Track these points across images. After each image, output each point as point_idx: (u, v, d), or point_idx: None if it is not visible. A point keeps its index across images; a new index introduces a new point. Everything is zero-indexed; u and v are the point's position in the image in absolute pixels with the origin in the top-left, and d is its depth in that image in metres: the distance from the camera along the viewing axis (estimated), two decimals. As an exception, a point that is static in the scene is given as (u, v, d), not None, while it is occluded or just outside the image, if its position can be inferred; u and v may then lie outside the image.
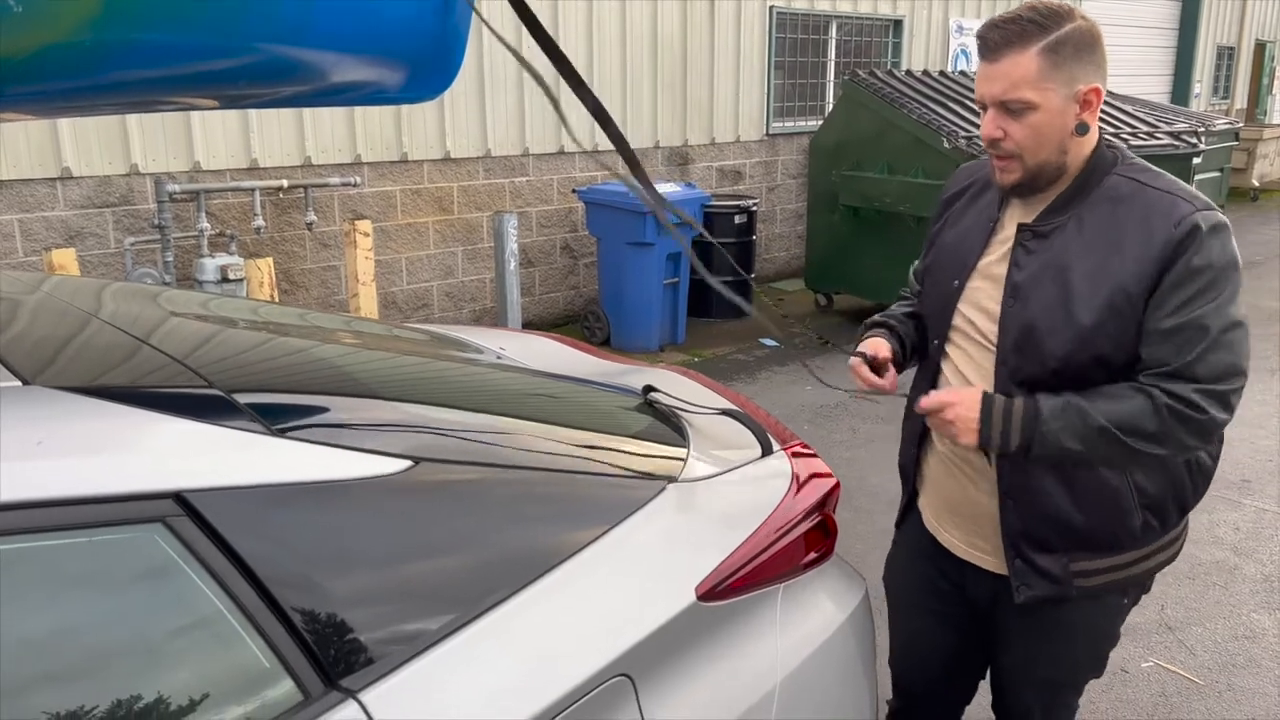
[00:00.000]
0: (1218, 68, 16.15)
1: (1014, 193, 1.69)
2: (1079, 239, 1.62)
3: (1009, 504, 1.73)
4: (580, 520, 1.40)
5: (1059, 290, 1.62)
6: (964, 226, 1.82)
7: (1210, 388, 1.55)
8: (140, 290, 2.07)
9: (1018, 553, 1.75)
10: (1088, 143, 1.64)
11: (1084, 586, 1.74)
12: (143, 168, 5.40)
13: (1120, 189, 1.63)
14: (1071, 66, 1.57)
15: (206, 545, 1.11)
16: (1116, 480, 1.67)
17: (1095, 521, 1.70)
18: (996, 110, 1.61)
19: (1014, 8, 1.62)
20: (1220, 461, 1.80)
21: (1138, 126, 7.17)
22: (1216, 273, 1.55)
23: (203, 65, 1.28)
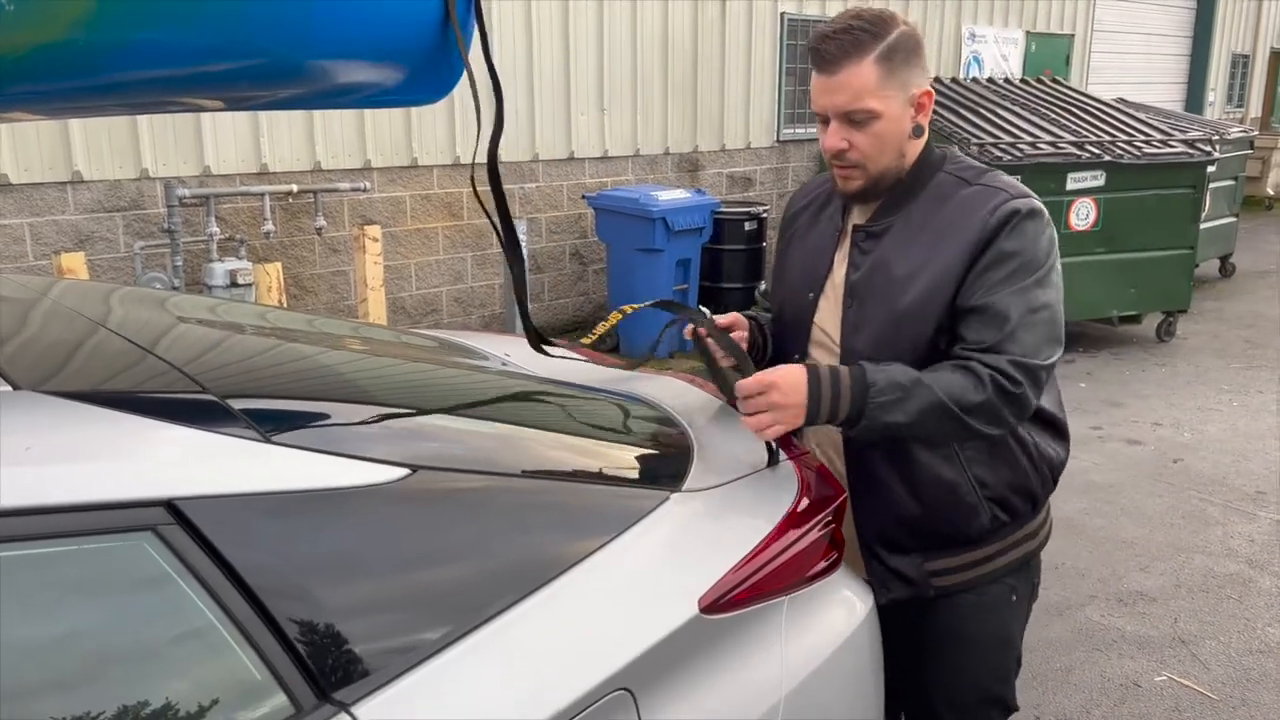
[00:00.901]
0: (1232, 75, 16.06)
1: (856, 199, 1.72)
2: (905, 234, 1.67)
3: (858, 504, 1.75)
4: (581, 530, 1.37)
5: (886, 284, 1.66)
6: (811, 240, 1.84)
7: (1022, 360, 1.58)
8: (145, 295, 2.06)
9: (873, 555, 1.77)
10: (919, 144, 1.69)
11: (941, 585, 1.76)
12: (153, 172, 5.41)
13: (945, 186, 1.69)
14: (904, 72, 1.61)
15: (198, 554, 1.09)
16: (954, 474, 1.69)
17: (941, 518, 1.72)
18: (839, 122, 1.63)
19: (834, 19, 1.63)
20: (1234, 473, 1.79)
21: (1150, 134, 7.11)
22: (1029, 256, 1.61)
23: (201, 66, 1.27)
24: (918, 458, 1.70)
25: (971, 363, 1.59)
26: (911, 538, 1.75)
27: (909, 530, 1.74)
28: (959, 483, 1.70)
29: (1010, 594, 1.82)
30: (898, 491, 1.72)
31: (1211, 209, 8.24)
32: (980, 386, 1.57)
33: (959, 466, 1.70)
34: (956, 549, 1.75)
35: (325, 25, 1.30)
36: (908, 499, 1.72)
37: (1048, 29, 11.91)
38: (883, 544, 1.76)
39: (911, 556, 1.75)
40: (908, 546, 1.75)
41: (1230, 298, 8.90)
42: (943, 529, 1.74)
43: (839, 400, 1.57)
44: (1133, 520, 4.33)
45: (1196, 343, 7.32)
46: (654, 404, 1.89)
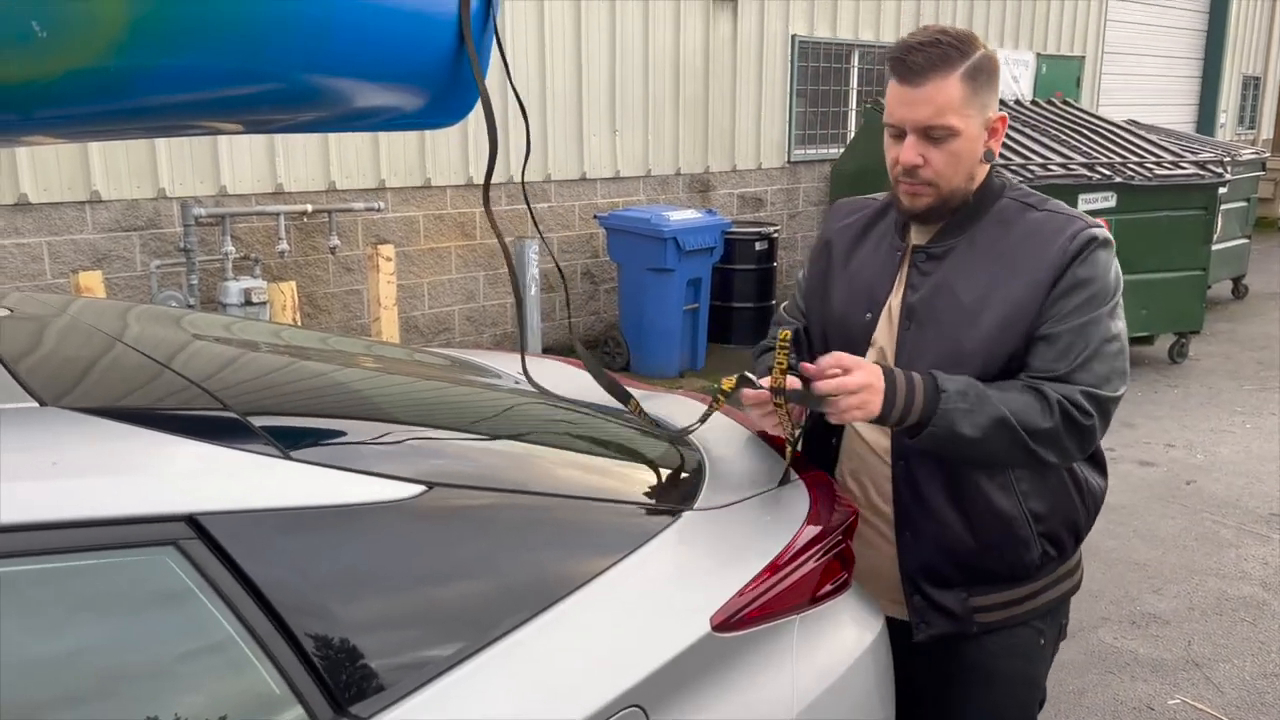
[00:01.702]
0: (1244, 97, 16.06)
1: (920, 218, 1.67)
2: (970, 258, 1.64)
3: (905, 538, 1.71)
4: (594, 548, 1.38)
5: (951, 309, 1.63)
6: (863, 259, 1.78)
7: (1094, 391, 1.56)
8: (163, 313, 2.09)
9: (916, 589, 1.72)
10: (985, 170, 1.67)
11: (984, 622, 1.71)
12: (170, 192, 5.47)
13: (1009, 211, 1.66)
14: (985, 94, 1.59)
15: (218, 568, 1.11)
16: (1011, 507, 1.66)
17: (994, 552, 1.68)
18: (918, 136, 1.58)
19: (918, 30, 1.60)
20: (1247, 495, 1.79)
21: (1162, 156, 7.12)
22: (1101, 285, 1.59)
23: (225, 90, 1.29)
24: (976, 488, 1.65)
25: (1043, 387, 1.55)
26: (958, 571, 1.70)
27: (957, 564, 1.69)
28: (1015, 516, 1.66)
29: (1039, 638, 1.78)
30: (952, 523, 1.67)
31: (1223, 230, 8.23)
32: (1049, 413, 1.54)
33: (1015, 499, 1.66)
34: (1003, 585, 1.71)
35: (346, 50, 1.33)
36: (962, 531, 1.67)
37: (1058, 51, 11.95)
38: (927, 577, 1.71)
39: (956, 591, 1.70)
40: (953, 581, 1.70)
41: (1243, 319, 8.87)
42: (992, 564, 1.69)
43: (912, 402, 1.52)
44: (1145, 542, 4.31)
45: (1209, 364, 7.30)
46: (665, 422, 1.91)
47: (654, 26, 7.52)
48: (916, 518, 1.70)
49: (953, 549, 1.69)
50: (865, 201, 1.87)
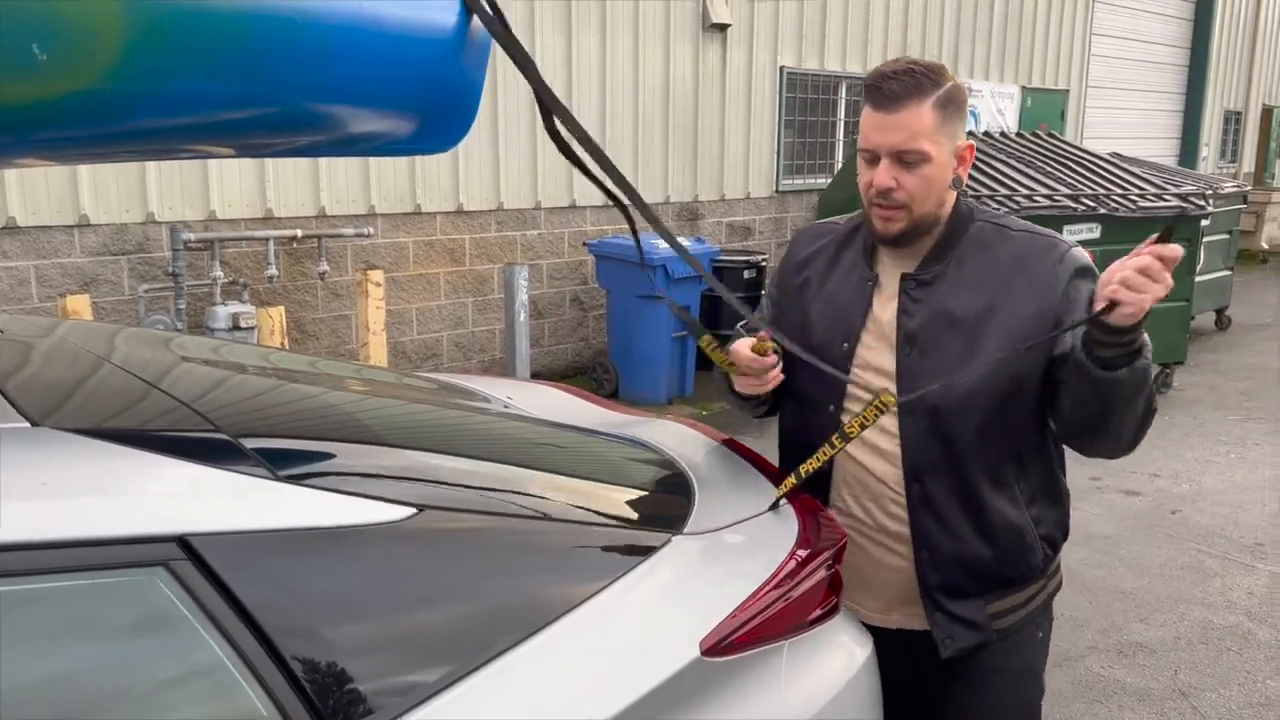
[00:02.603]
0: (1225, 132, 16.30)
1: (893, 243, 1.72)
2: (960, 282, 1.71)
3: (924, 556, 1.75)
4: (584, 572, 1.39)
5: (953, 332, 1.69)
6: (833, 288, 1.82)
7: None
8: (152, 335, 2.09)
9: (937, 606, 1.77)
10: (954, 196, 1.73)
11: (1001, 628, 1.79)
12: (159, 216, 5.47)
13: (986, 233, 1.74)
14: (954, 122, 1.66)
15: (208, 590, 1.11)
16: (1018, 516, 1.75)
17: (1008, 560, 1.76)
18: (891, 161, 1.65)
19: (890, 61, 1.67)
20: (1232, 525, 1.84)
21: (1145, 188, 7.21)
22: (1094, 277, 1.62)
23: (220, 115, 1.30)
24: (988, 502, 1.72)
25: None
26: (975, 582, 1.76)
27: (974, 575, 1.75)
28: (1023, 524, 1.75)
29: (1038, 631, 1.87)
30: (969, 538, 1.73)
31: (1207, 262, 8.32)
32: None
33: (1020, 508, 1.75)
34: (1013, 589, 1.79)
35: (344, 75, 1.34)
36: (979, 544, 1.73)
37: (1043, 84, 12.11)
38: (946, 592, 1.76)
39: (974, 601, 1.77)
40: (970, 591, 1.76)
41: (1227, 350, 8.95)
42: (1006, 571, 1.77)
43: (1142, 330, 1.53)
44: (1132, 571, 4.32)
45: (1194, 395, 7.36)
46: (655, 447, 1.91)
47: (644, 56, 7.60)
48: (935, 536, 1.74)
49: (969, 562, 1.75)
50: (830, 226, 1.92)
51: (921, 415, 1.69)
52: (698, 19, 7.94)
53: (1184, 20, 15.03)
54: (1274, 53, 17.12)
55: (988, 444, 1.70)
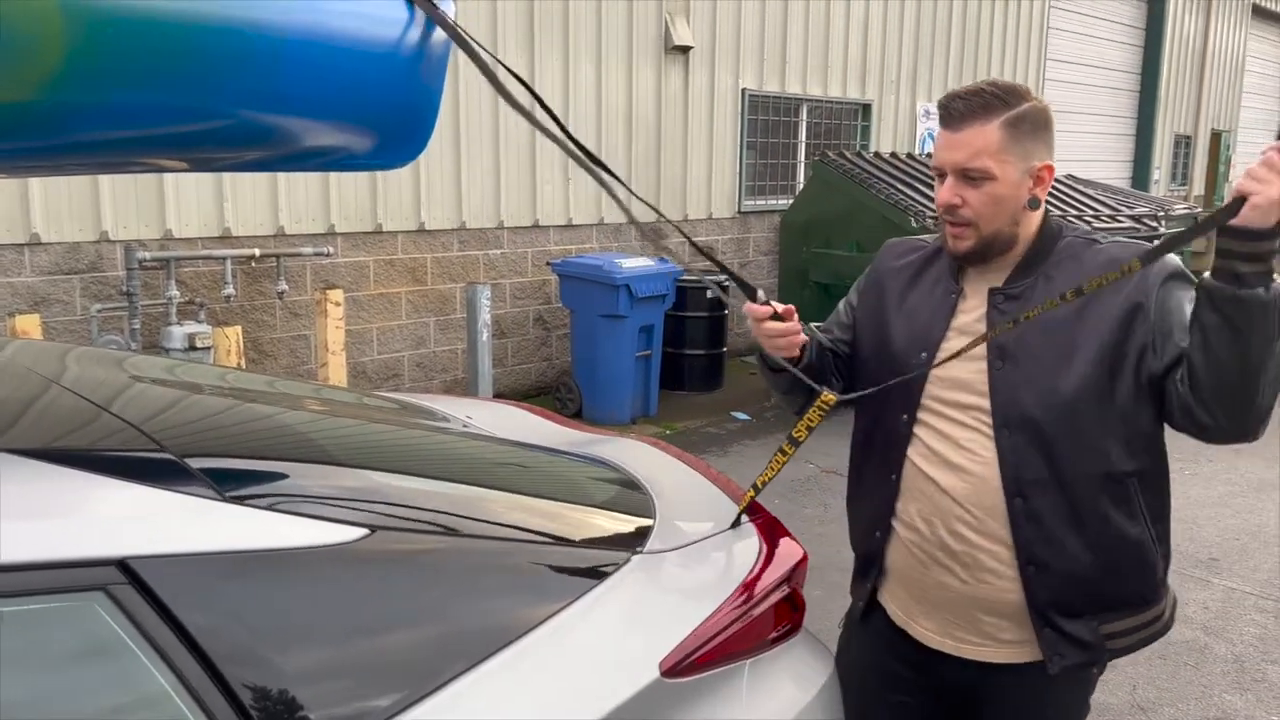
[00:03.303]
0: (1176, 155, 16.66)
1: (966, 260, 1.72)
2: (1050, 293, 1.66)
3: (1030, 572, 1.68)
4: (541, 593, 1.36)
5: (1046, 343, 1.65)
6: (918, 301, 1.81)
7: None
8: (103, 355, 2.04)
9: (1046, 622, 1.70)
10: (1037, 217, 1.71)
11: (1115, 649, 1.72)
12: (113, 235, 5.38)
13: (1076, 247, 1.71)
14: (1028, 143, 1.64)
15: (150, 615, 1.07)
16: (1137, 531, 1.67)
17: (1123, 579, 1.69)
18: (956, 178, 1.65)
19: (971, 84, 1.68)
20: (1188, 541, 1.83)
21: (1100, 209, 7.34)
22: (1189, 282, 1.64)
23: (165, 128, 1.28)
24: (1101, 516, 1.66)
25: None
26: (1088, 601, 1.69)
27: (1086, 594, 1.69)
28: (1144, 540, 1.69)
29: (1094, 667, 1.78)
30: (1080, 555, 1.67)
31: (1159, 282, 8.46)
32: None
33: (1143, 524, 1.68)
34: (1133, 610, 1.72)
35: (293, 90, 1.32)
36: (1090, 562, 1.67)
37: (999, 108, 12.30)
38: (1058, 610, 1.69)
39: (1087, 620, 1.70)
40: (1082, 610, 1.70)
41: (1180, 368, 9.09)
42: (1123, 590, 1.71)
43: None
44: (1091, 587, 4.36)
45: (1149, 412, 7.46)
46: (616, 466, 1.90)
47: (606, 78, 7.63)
48: (1045, 552, 1.67)
49: (1081, 579, 1.68)
50: (918, 244, 1.91)
51: (1019, 428, 1.65)
52: (660, 41, 7.99)
53: (1135, 47, 15.37)
54: (1222, 79, 17.56)
55: (1097, 454, 1.65)
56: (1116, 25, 14.81)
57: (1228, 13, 17.18)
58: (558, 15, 7.23)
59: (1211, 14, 16.51)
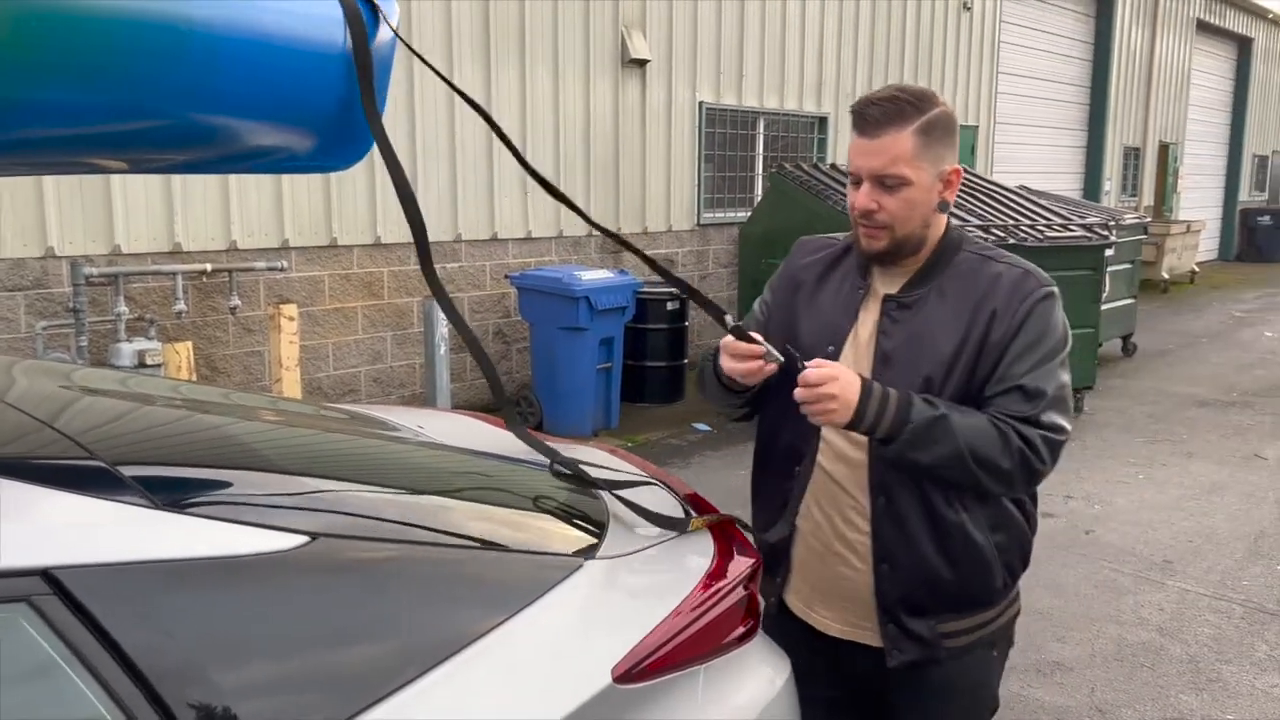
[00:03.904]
0: (1125, 167, 16.99)
1: (876, 260, 1.78)
2: (941, 309, 1.75)
3: (883, 570, 1.77)
4: (490, 600, 1.33)
5: (927, 357, 1.73)
6: (827, 296, 1.87)
7: (1052, 437, 1.69)
8: (52, 368, 1.98)
9: (891, 618, 1.79)
10: (943, 220, 1.78)
11: (951, 647, 1.81)
12: (59, 250, 5.26)
13: (972, 264, 1.77)
14: (939, 148, 1.70)
15: (78, 628, 1.03)
16: (983, 540, 1.77)
17: (966, 582, 1.78)
18: (872, 184, 1.70)
19: (881, 89, 1.73)
20: (1142, 544, 1.88)
21: (1052, 219, 7.45)
22: (1057, 338, 1.73)
23: (98, 127, 1.24)
24: (953, 523, 1.74)
25: (1009, 430, 1.66)
26: (934, 600, 1.78)
27: (933, 593, 1.77)
28: (985, 548, 1.77)
29: (992, 650, 1.89)
30: (932, 556, 1.75)
31: (1112, 291, 8.61)
32: (1008, 453, 1.65)
33: (985, 533, 1.77)
34: (970, 611, 1.81)
35: (229, 89, 1.29)
36: (942, 563, 1.75)
37: (953, 121, 12.47)
38: (905, 608, 1.78)
39: (927, 619, 1.78)
40: (927, 609, 1.78)
41: (1133, 375, 9.25)
42: (965, 592, 1.79)
43: (881, 420, 1.63)
44: (1049, 591, 4.39)
45: (1103, 418, 7.57)
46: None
47: (563, 91, 7.62)
48: (896, 551, 1.76)
49: (930, 580, 1.76)
50: (828, 241, 1.96)
51: (904, 394, 1.69)
52: (617, 54, 8.01)
53: (1084, 61, 15.68)
54: (1168, 92, 17.95)
55: None
56: (1065, 40, 15.10)
57: (1173, 27, 17.59)
58: (514, 26, 7.22)
59: (1157, 29, 16.89)
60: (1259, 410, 7.89)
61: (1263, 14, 20.71)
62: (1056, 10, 14.77)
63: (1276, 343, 11.17)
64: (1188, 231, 15.11)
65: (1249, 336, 11.58)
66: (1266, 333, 11.87)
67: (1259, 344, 11.07)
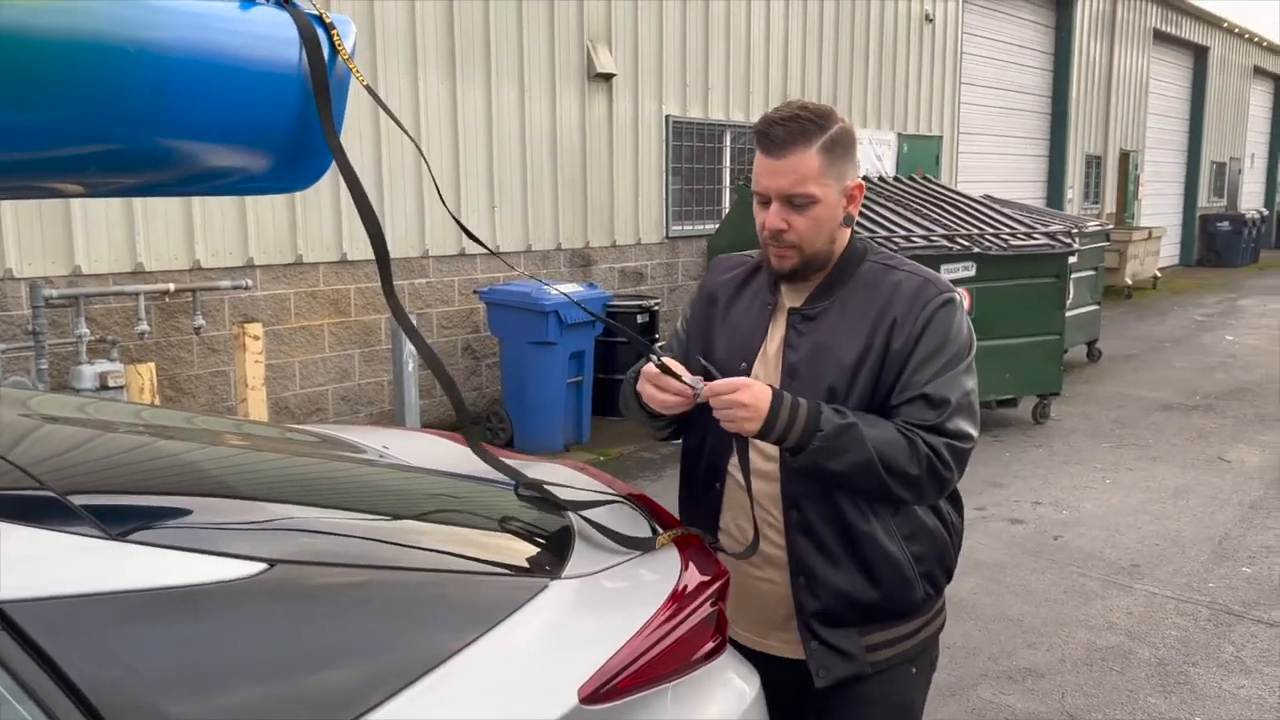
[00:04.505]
0: (1087, 175, 17.24)
1: (787, 278, 1.80)
2: (843, 320, 1.77)
3: (800, 582, 1.78)
4: (453, 623, 1.32)
5: (831, 367, 1.75)
6: (740, 312, 1.89)
7: (957, 445, 1.71)
8: (5, 394, 1.94)
9: (813, 634, 1.79)
10: (846, 233, 1.81)
11: (876, 660, 1.80)
12: (18, 272, 5.18)
13: (874, 274, 1.80)
14: (842, 164, 1.72)
15: (29, 665, 1.00)
16: (897, 551, 1.77)
17: (884, 593, 1.78)
18: (780, 204, 1.71)
19: (781, 105, 1.74)
20: (1110, 548, 1.88)
21: (1016, 228, 7.53)
22: (960, 345, 1.74)
23: (46, 152, 1.22)
24: (866, 533, 1.75)
25: (916, 439, 1.68)
26: (852, 612, 1.78)
27: (851, 605, 1.77)
28: (900, 559, 1.77)
29: (912, 668, 1.87)
30: (846, 567, 1.75)
31: (1076, 297, 8.72)
32: (915, 461, 1.67)
33: (899, 543, 1.77)
34: (892, 622, 1.81)
35: (182, 111, 1.28)
36: (857, 575, 1.76)
37: (918, 131, 12.62)
38: (823, 620, 1.78)
39: (848, 631, 1.78)
40: (847, 621, 1.78)
41: (1098, 381, 9.36)
42: (885, 603, 1.79)
43: (791, 429, 1.64)
44: (1019, 597, 4.42)
45: (1070, 424, 7.65)
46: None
47: (530, 105, 7.62)
48: (811, 563, 1.77)
49: (847, 592, 1.77)
50: (743, 258, 1.98)
51: (814, 404, 1.70)
52: (583, 68, 8.02)
53: (1045, 71, 15.91)
54: (1128, 101, 18.25)
55: None
56: (1026, 50, 15.32)
57: (1131, 38, 17.89)
58: (479, 41, 7.22)
59: (1115, 39, 17.18)
60: (1221, 413, 8.01)
61: (1217, 23, 21.12)
62: (1017, 21, 14.99)
63: (1237, 346, 11.35)
64: (1149, 238, 15.35)
65: (1210, 340, 11.77)
66: (1227, 336, 12.06)
67: (1220, 348, 11.25)
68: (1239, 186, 24.24)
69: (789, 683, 1.83)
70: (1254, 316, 13.87)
